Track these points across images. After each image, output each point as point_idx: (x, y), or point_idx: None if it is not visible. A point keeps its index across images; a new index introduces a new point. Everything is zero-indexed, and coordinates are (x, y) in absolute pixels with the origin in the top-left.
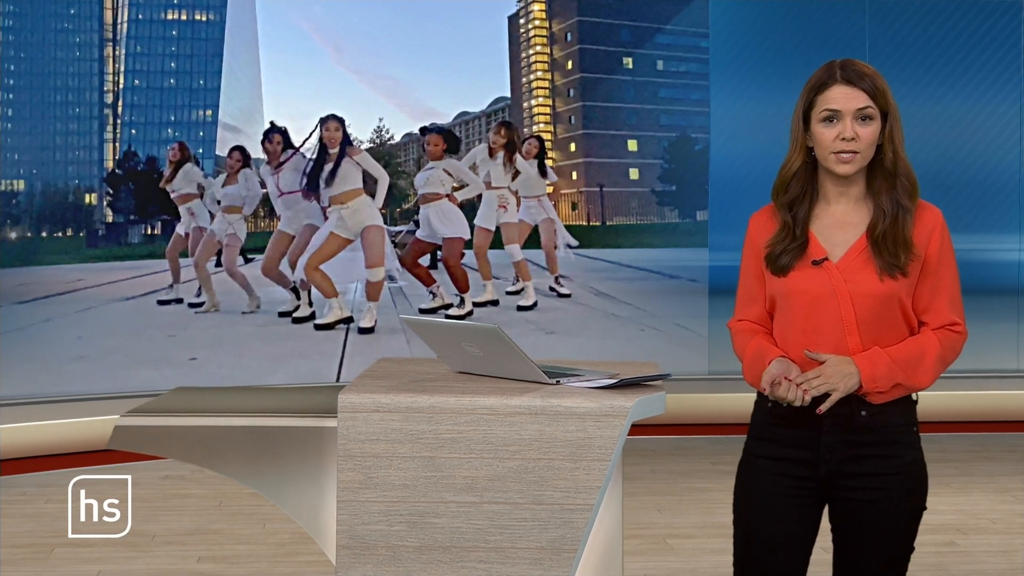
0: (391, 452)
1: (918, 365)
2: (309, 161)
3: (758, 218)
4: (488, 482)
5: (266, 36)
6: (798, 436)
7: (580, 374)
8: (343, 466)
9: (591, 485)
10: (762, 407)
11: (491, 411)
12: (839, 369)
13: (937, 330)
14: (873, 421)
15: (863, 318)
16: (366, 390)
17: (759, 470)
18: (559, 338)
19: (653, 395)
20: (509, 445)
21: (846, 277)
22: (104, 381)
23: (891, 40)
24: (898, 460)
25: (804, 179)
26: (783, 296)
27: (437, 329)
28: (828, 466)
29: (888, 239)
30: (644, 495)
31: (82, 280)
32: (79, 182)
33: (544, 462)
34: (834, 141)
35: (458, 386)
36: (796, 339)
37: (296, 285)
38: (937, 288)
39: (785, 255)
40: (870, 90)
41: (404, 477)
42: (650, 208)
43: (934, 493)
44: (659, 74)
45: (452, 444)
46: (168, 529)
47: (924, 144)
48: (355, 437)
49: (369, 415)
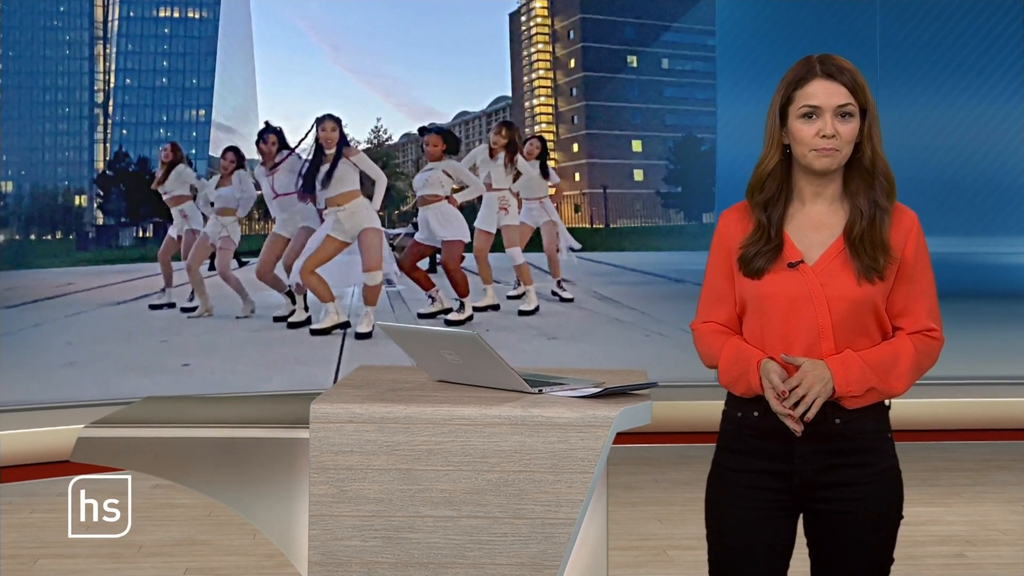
0: (365, 464)
1: (892, 370)
2: (305, 162)
3: (729, 216)
4: (466, 495)
5: (261, 34)
6: (771, 447)
7: (564, 383)
8: (315, 479)
9: (573, 498)
10: (731, 417)
11: (470, 421)
12: (816, 374)
13: (912, 335)
14: (848, 428)
15: (838, 323)
16: (340, 399)
17: (731, 483)
18: (561, 344)
19: (638, 404)
20: (488, 457)
21: (822, 280)
22: (94, 388)
23: (903, 41)
24: (873, 468)
25: (780, 178)
26: (756, 299)
27: (415, 336)
28: (803, 476)
29: (866, 241)
30: (645, 505)
31: (72, 284)
32: (69, 184)
33: (525, 474)
34: (813, 138)
35: (436, 395)
36: (769, 343)
37: (291, 289)
38: (912, 293)
39: (760, 257)
40: (850, 85)
41: (379, 490)
42: (655, 210)
43: (944, 503)
44: (664, 73)
45: (429, 456)
46: (156, 540)
47: (939, 146)
48: (328, 449)
49: (343, 426)
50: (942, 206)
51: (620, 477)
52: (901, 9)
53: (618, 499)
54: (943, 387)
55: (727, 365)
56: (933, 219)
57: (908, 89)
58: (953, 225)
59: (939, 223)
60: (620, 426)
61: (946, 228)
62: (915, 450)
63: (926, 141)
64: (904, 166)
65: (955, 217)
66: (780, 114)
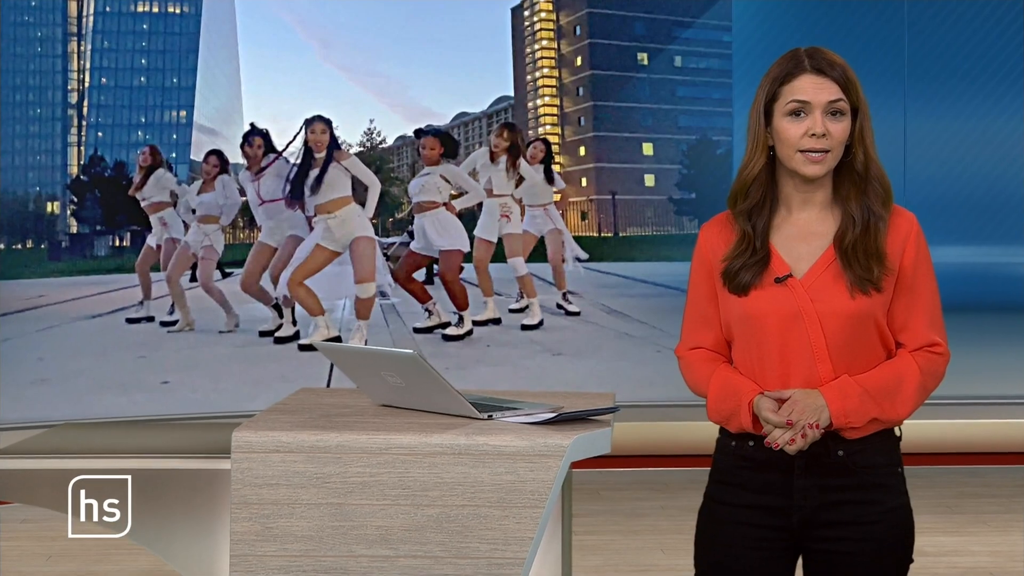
0: (293, 498)
1: (896, 395)
2: (293, 166)
3: (710, 229)
4: (404, 533)
5: (245, 30)
6: (767, 480)
7: (517, 408)
8: (237, 515)
9: (522, 536)
10: (725, 447)
11: (408, 450)
12: (807, 403)
13: (915, 352)
14: (851, 461)
15: (834, 342)
16: (266, 426)
17: (723, 520)
18: (567, 360)
19: (596, 432)
20: (429, 490)
21: (812, 296)
22: (67, 407)
23: (932, 49)
24: (880, 506)
25: (765, 183)
26: (744, 320)
27: (352, 356)
28: (802, 513)
29: (859, 250)
30: (648, 534)
31: (44, 296)
32: (40, 189)
33: (469, 509)
34: (802, 138)
35: (374, 421)
36: (768, 370)
37: (278, 302)
38: (913, 304)
39: (745, 271)
40: (841, 81)
41: (308, 527)
42: (667, 217)
43: (969, 533)
44: (677, 71)
45: (363, 489)
46: (120, 570)
47: (975, 157)
48: (251, 481)
49: (268, 456)
50: (989, 218)
51: (625, 503)
52: (930, 17)
53: (620, 527)
54: (972, 407)
55: (716, 401)
56: (976, 230)
57: (940, 99)
58: (998, 236)
59: (983, 233)
60: (574, 456)
61: (990, 237)
62: (941, 474)
63: (966, 151)
64: (940, 178)
65: (995, 227)
66: (765, 112)
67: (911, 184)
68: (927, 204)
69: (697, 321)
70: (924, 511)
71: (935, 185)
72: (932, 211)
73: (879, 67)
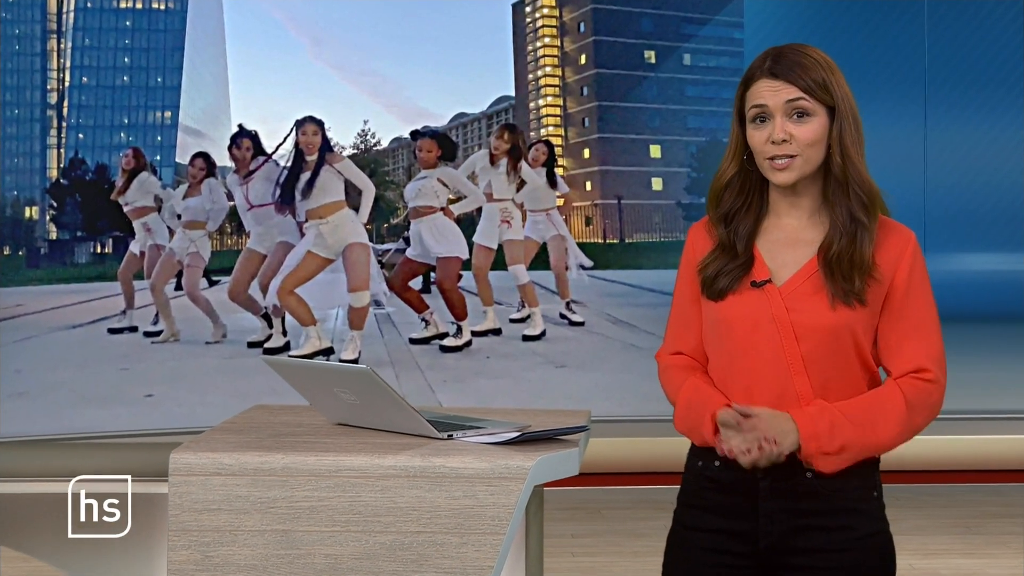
0: (235, 525)
1: (874, 425)
2: (283, 170)
3: (697, 231)
4: (355, 562)
5: (234, 27)
6: (733, 503)
7: (480, 426)
8: (175, 543)
9: (482, 564)
10: (692, 467)
11: (359, 473)
12: (773, 424)
13: (900, 379)
14: (822, 485)
15: (811, 356)
16: (207, 447)
17: (689, 545)
18: (571, 372)
19: (562, 452)
20: (381, 516)
21: (789, 304)
22: (46, 421)
23: (955, 53)
24: (851, 532)
25: (744, 189)
26: (713, 325)
27: (303, 371)
28: (769, 539)
29: (843, 260)
30: (650, 555)
31: (21, 305)
32: (18, 193)
33: (424, 536)
34: (764, 145)
35: (324, 442)
36: (731, 377)
37: (268, 311)
38: (904, 328)
39: (723, 276)
40: (802, 81)
41: (251, 556)
42: (675, 223)
43: (989, 554)
44: (686, 70)
45: (311, 515)
46: None
47: (1000, 164)
48: (190, 506)
49: (208, 479)
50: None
51: (628, 523)
52: (952, 19)
53: (621, 548)
54: (997, 422)
55: (683, 411)
56: (1005, 237)
57: (963, 104)
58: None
59: (1014, 240)
60: (538, 478)
61: (1021, 245)
62: (961, 493)
63: (994, 155)
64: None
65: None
66: (739, 118)
67: (933, 192)
68: (950, 212)
69: (679, 325)
70: (940, 532)
71: (959, 192)
72: (956, 219)
73: (899, 70)
